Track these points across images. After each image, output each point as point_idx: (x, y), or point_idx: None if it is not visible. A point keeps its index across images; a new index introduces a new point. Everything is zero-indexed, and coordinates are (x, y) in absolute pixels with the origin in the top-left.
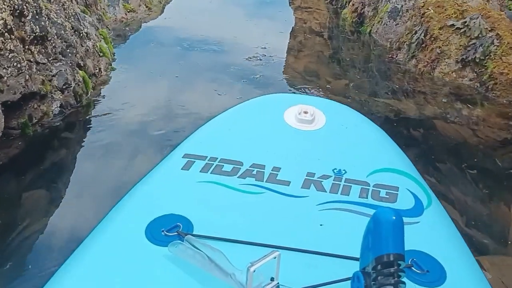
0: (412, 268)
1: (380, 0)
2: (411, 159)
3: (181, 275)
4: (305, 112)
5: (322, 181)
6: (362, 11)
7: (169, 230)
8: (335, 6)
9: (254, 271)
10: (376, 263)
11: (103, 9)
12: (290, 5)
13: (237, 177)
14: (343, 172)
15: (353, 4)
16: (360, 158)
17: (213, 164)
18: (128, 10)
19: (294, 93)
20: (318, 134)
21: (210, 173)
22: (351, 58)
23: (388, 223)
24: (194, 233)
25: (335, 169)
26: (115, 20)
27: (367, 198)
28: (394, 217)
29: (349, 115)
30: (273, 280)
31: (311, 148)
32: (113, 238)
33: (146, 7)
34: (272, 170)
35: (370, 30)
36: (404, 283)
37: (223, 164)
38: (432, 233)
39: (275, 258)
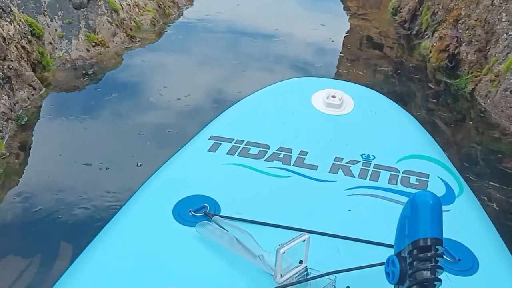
0: (444, 256)
1: (495, 40)
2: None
3: (208, 255)
4: (333, 96)
5: (350, 166)
6: (457, 51)
7: (196, 210)
8: (408, 32)
9: (284, 253)
10: (412, 247)
11: (50, 43)
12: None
13: (264, 160)
14: (372, 157)
15: (441, 37)
16: (389, 144)
17: (240, 146)
18: (94, 43)
19: None
20: (346, 119)
21: (237, 155)
22: (436, 130)
23: (426, 206)
24: (221, 214)
25: (364, 154)
26: (67, 61)
27: (396, 184)
28: (432, 201)
29: (378, 100)
30: (302, 263)
31: (339, 132)
32: (140, 217)
33: (127, 35)
34: (299, 154)
35: (473, 90)
36: (442, 268)
37: (249, 147)
38: (464, 221)
39: (304, 241)
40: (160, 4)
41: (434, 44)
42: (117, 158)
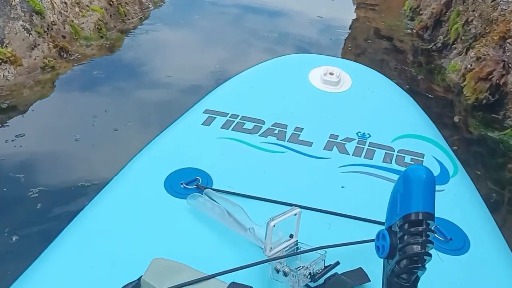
0: (436, 235)
1: None
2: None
3: (199, 228)
4: (331, 74)
5: (345, 143)
6: (502, 81)
7: (188, 183)
8: (428, 46)
9: (274, 226)
10: (403, 221)
11: None
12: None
13: (259, 135)
14: (367, 136)
15: (478, 59)
16: (385, 123)
17: (234, 121)
18: None
19: None
20: (343, 97)
21: (231, 129)
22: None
23: (419, 180)
24: (213, 187)
25: (359, 132)
26: None
27: (391, 163)
28: (426, 175)
29: (376, 79)
30: (292, 237)
31: (335, 110)
32: (132, 188)
33: (56, 47)
34: (294, 130)
35: None
36: (432, 243)
37: (244, 121)
38: (457, 201)
39: (295, 215)
40: (112, 1)
41: (469, 66)
42: None
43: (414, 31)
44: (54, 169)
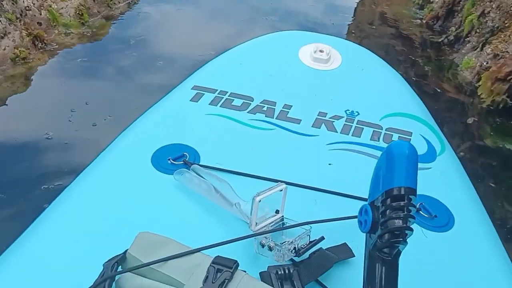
0: (420, 212)
1: None
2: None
3: (185, 203)
4: (321, 51)
5: (333, 121)
6: None
7: (175, 158)
8: (439, 39)
9: (260, 201)
10: (385, 196)
11: None
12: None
13: (247, 112)
14: (356, 114)
15: (495, 56)
16: (374, 101)
17: (223, 97)
18: None
19: None
20: (333, 74)
21: (220, 106)
22: None
23: (402, 155)
24: (200, 163)
25: (348, 110)
26: None
27: (378, 141)
28: (408, 150)
29: (366, 57)
30: (278, 213)
31: (324, 87)
32: (119, 163)
33: (29, 35)
34: (283, 108)
35: None
36: (413, 217)
37: (233, 98)
38: (443, 179)
39: (281, 191)
40: None
41: (484, 63)
42: None
43: (424, 21)
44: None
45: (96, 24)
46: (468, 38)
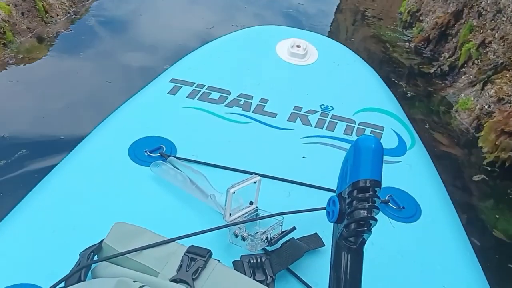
0: (389, 204)
1: None
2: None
3: (161, 194)
4: (298, 46)
5: (308, 115)
6: None
7: (152, 151)
8: (431, 70)
9: (234, 193)
10: (352, 188)
11: None
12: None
13: (224, 106)
14: (330, 108)
15: (500, 100)
16: (349, 96)
17: (200, 91)
18: None
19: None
20: (309, 69)
21: (197, 99)
22: None
23: (368, 149)
24: (177, 156)
25: (323, 105)
26: None
27: (351, 135)
28: (374, 144)
29: (342, 53)
30: (252, 204)
31: (300, 82)
32: (95, 155)
33: None
34: (259, 101)
35: None
36: (377, 208)
37: (210, 91)
38: (412, 172)
39: (255, 182)
40: None
41: (486, 107)
42: None
43: (412, 44)
44: None
45: (25, 45)
46: (464, 69)
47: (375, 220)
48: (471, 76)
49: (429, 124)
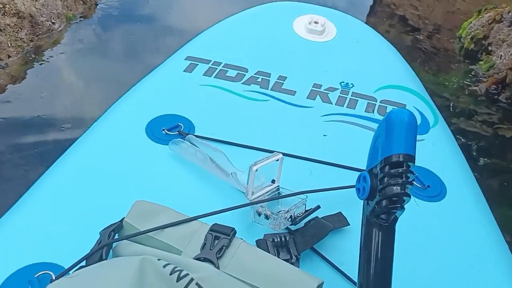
0: (414, 182)
1: None
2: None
3: (181, 173)
4: (316, 22)
5: (328, 93)
6: None
7: (170, 129)
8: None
9: (256, 170)
10: (384, 163)
11: None
12: None
13: (242, 83)
14: (351, 85)
15: None
16: (369, 73)
17: (217, 68)
18: None
19: None
20: (328, 46)
21: (214, 77)
22: None
23: (401, 123)
24: (195, 134)
25: (343, 82)
26: None
27: (373, 113)
28: (408, 118)
29: (361, 29)
30: (274, 182)
31: (319, 59)
32: (113, 133)
33: None
34: (278, 79)
35: None
36: (412, 184)
37: (227, 69)
38: (436, 151)
39: (277, 160)
40: None
41: None
42: None
43: (482, 87)
44: None
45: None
46: None
47: (409, 196)
48: None
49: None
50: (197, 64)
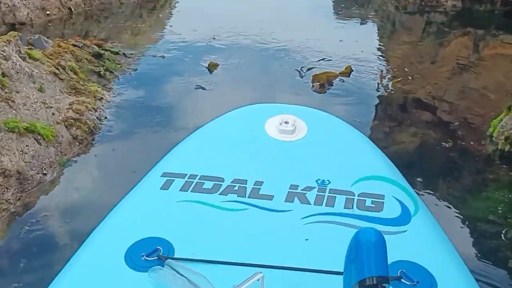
0: (402, 280)
1: None
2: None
3: None
4: (286, 122)
5: (306, 193)
6: None
7: (149, 254)
8: None
9: None
10: (359, 287)
11: None
12: None
13: (219, 194)
14: (327, 182)
15: None
16: (344, 167)
17: (193, 181)
18: None
19: None
20: (300, 144)
21: (190, 191)
22: None
23: (369, 244)
24: (175, 256)
25: (319, 179)
26: None
27: (352, 208)
28: (375, 238)
29: (332, 123)
30: None
31: (293, 159)
32: (92, 265)
33: None
34: (254, 185)
35: None
36: None
37: (203, 181)
38: (421, 241)
39: (258, 280)
40: None
41: None
42: None
43: (495, 150)
44: None
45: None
46: None
47: None
48: None
49: None
50: (174, 180)
